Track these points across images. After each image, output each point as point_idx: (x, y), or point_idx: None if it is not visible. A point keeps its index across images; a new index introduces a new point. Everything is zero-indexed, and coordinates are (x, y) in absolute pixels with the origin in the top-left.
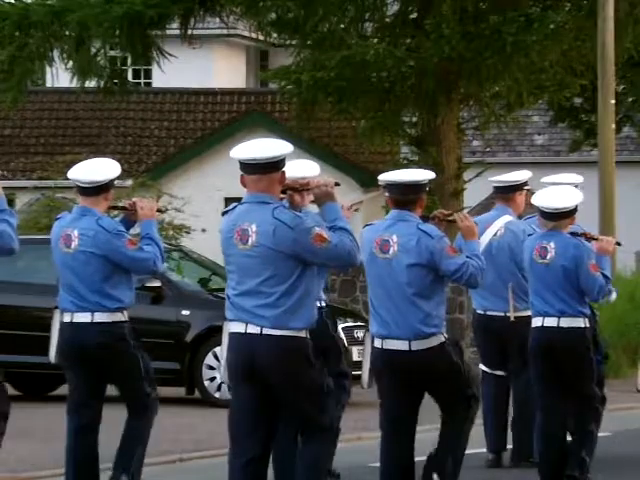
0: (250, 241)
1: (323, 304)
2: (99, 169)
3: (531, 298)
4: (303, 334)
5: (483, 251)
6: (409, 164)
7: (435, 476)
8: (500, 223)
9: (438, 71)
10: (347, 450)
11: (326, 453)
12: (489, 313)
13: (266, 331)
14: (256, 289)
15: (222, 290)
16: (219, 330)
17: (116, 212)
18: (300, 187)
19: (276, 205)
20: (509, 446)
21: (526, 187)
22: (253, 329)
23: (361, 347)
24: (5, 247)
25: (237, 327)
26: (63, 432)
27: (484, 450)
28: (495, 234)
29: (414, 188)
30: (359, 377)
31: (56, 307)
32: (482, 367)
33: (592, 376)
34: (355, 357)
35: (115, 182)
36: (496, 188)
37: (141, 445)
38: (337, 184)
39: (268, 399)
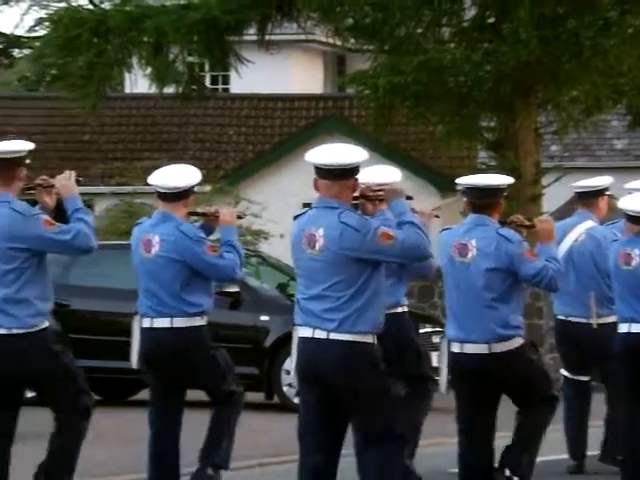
0: (318, 245)
1: (405, 309)
2: (180, 175)
3: (617, 304)
4: (369, 339)
5: (564, 257)
6: (487, 169)
7: (507, 471)
8: (581, 229)
9: (515, 75)
10: (427, 455)
11: (396, 465)
12: (570, 319)
13: (333, 336)
14: (324, 293)
15: None
16: None
17: (195, 218)
18: (374, 196)
19: (343, 209)
20: (590, 452)
21: (607, 192)
22: (320, 334)
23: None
24: (82, 246)
25: (305, 332)
26: (143, 436)
27: (565, 456)
28: (576, 240)
29: (492, 192)
30: (438, 382)
31: (136, 312)
32: (563, 372)
33: None
34: (434, 363)
35: (195, 188)
36: (578, 193)
37: (227, 438)
38: (410, 198)
39: (334, 405)
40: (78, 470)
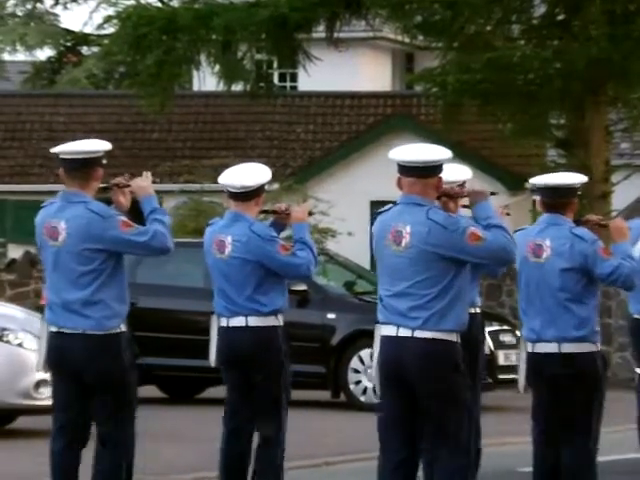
0: (404, 242)
1: (478, 310)
2: (250, 174)
3: None
4: (454, 338)
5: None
6: (557, 167)
7: None
8: None
9: (585, 73)
10: (493, 454)
11: (462, 473)
12: None
13: (417, 334)
14: (408, 291)
15: (368, 293)
16: (365, 334)
17: (263, 216)
18: (455, 195)
19: (430, 206)
20: None
21: None
22: (404, 332)
23: (507, 351)
24: (159, 247)
25: (388, 330)
26: (210, 435)
27: (637, 455)
28: None
29: (565, 191)
30: (505, 381)
31: (212, 312)
32: (638, 370)
33: None
34: (501, 361)
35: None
36: None
37: (276, 456)
38: (493, 193)
39: (414, 402)
40: (145, 468)
